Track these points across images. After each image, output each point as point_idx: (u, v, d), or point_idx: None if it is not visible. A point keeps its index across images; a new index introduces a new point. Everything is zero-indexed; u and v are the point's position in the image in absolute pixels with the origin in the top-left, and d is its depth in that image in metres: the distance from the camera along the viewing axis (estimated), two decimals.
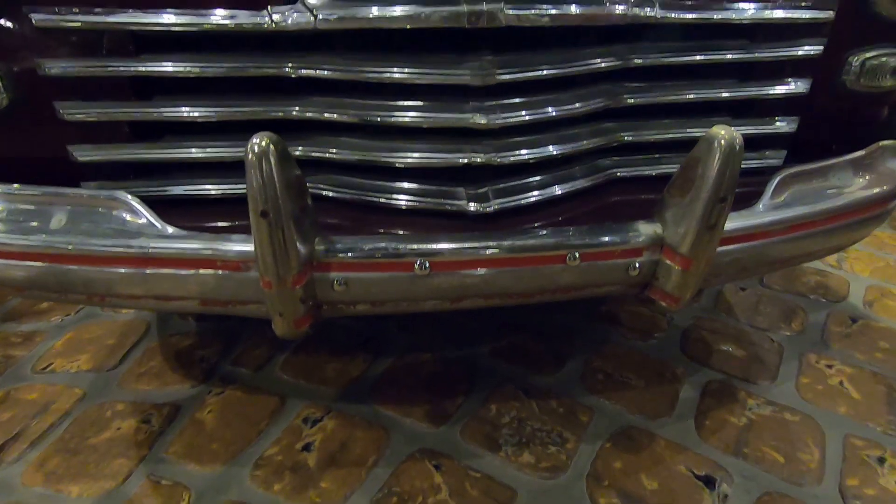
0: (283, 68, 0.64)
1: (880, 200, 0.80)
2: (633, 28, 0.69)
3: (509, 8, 0.56)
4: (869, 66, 0.79)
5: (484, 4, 0.55)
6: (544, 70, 0.62)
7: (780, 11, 0.72)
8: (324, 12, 0.59)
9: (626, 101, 0.73)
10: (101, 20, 0.61)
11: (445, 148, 0.64)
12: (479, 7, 0.55)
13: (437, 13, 0.55)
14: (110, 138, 0.69)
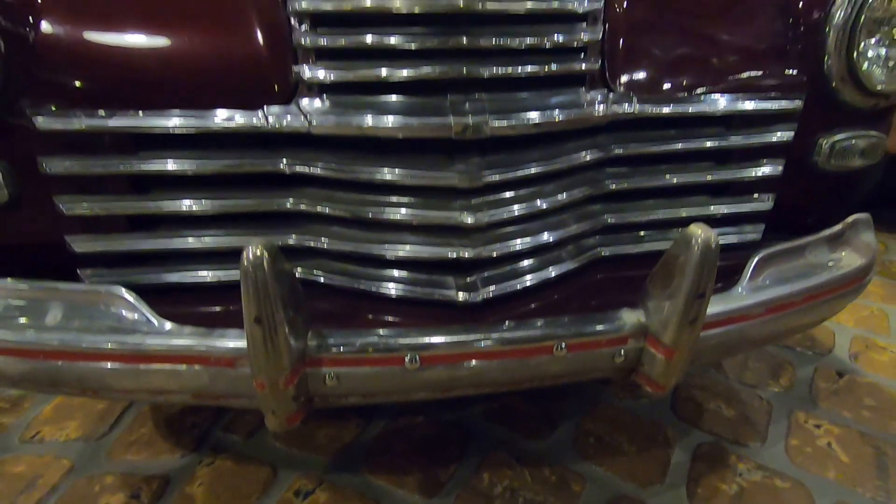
0: (277, 165, 0.67)
1: (857, 275, 0.82)
2: (613, 122, 0.73)
3: (494, 119, 0.59)
4: (839, 148, 0.83)
5: (470, 118, 0.58)
6: (530, 168, 0.65)
7: (751, 103, 0.76)
8: (318, 118, 0.62)
9: (609, 187, 0.76)
10: (103, 124, 0.64)
11: (435, 242, 0.66)
12: (465, 120, 0.58)
13: (426, 125, 0.58)
14: (107, 229, 0.70)
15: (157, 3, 0.67)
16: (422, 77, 0.59)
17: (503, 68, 0.60)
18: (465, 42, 0.57)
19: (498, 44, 0.59)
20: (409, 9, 0.57)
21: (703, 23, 0.77)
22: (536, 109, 0.62)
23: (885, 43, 0.77)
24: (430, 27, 0.58)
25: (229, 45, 0.65)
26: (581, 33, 0.66)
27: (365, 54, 0.61)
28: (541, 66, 0.63)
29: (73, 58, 0.65)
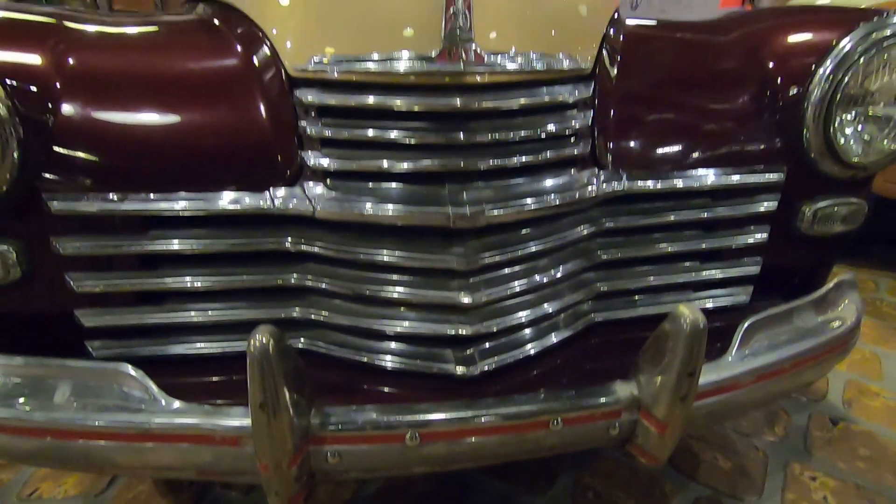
0: (282, 244, 0.69)
1: (843, 339, 0.85)
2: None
3: (491, 209, 0.62)
4: (821, 215, 0.86)
5: (467, 208, 0.61)
6: (526, 248, 0.68)
7: (736, 176, 0.80)
8: (322, 203, 0.65)
9: (601, 257, 0.78)
10: (115, 207, 0.66)
11: (433, 319, 0.68)
12: (463, 210, 0.61)
13: (425, 214, 0.61)
14: (115, 303, 0.72)
15: (169, 89, 0.71)
16: (421, 169, 0.62)
17: (499, 160, 0.64)
18: (462, 138, 0.61)
19: (494, 138, 0.63)
20: (408, 107, 0.61)
21: (688, 101, 0.82)
22: (531, 195, 0.65)
23: (860, 119, 0.81)
24: (429, 122, 0.62)
25: (238, 131, 0.68)
26: (572, 121, 0.70)
27: (367, 145, 0.64)
28: (535, 154, 0.66)
29: (88, 142, 0.68)
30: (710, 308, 0.87)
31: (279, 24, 0.69)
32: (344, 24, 0.63)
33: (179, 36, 0.78)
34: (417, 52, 0.60)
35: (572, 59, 0.69)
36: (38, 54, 0.70)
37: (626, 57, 0.80)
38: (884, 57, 0.76)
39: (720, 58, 0.86)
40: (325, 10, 0.65)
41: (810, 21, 0.88)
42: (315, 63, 0.64)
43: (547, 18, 0.67)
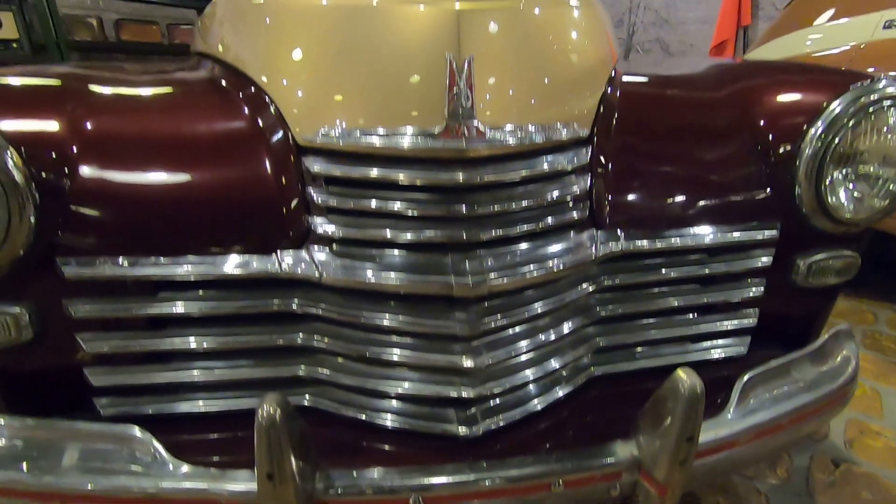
0: (290, 306, 0.71)
1: (842, 390, 0.86)
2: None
3: (493, 278, 0.64)
4: (815, 269, 0.88)
5: (469, 278, 0.63)
6: (527, 311, 0.70)
7: (731, 233, 0.82)
8: (328, 269, 0.67)
9: (600, 314, 0.80)
10: (127, 272, 0.68)
11: (436, 380, 0.69)
12: (465, 280, 0.63)
13: (428, 283, 0.63)
14: (124, 362, 0.74)
15: (181, 154, 0.73)
16: (424, 240, 0.64)
17: (500, 230, 0.66)
18: (464, 210, 0.63)
19: (495, 209, 0.65)
20: (412, 180, 0.63)
21: (682, 159, 0.84)
22: (533, 262, 0.67)
23: (851, 178, 0.83)
24: (432, 195, 0.64)
25: (248, 196, 0.71)
26: (572, 186, 0.72)
27: (372, 215, 0.66)
28: (536, 222, 0.68)
29: (102, 206, 0.70)
30: (707, 360, 0.88)
31: (288, 94, 0.72)
32: (351, 98, 0.66)
33: (191, 100, 0.81)
34: (421, 127, 0.62)
35: (571, 129, 0.71)
36: (54, 119, 0.72)
37: (621, 117, 0.83)
38: (871, 120, 0.79)
39: (713, 116, 0.89)
40: (332, 83, 0.67)
41: (801, 81, 0.90)
42: (322, 135, 0.67)
43: (547, 90, 0.70)
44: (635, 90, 0.91)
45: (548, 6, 0.73)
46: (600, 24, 0.88)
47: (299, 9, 0.73)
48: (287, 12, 0.75)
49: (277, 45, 0.76)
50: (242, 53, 0.85)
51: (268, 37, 0.78)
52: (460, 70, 0.60)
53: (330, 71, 0.67)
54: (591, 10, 0.85)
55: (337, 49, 0.67)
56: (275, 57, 0.75)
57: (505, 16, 0.65)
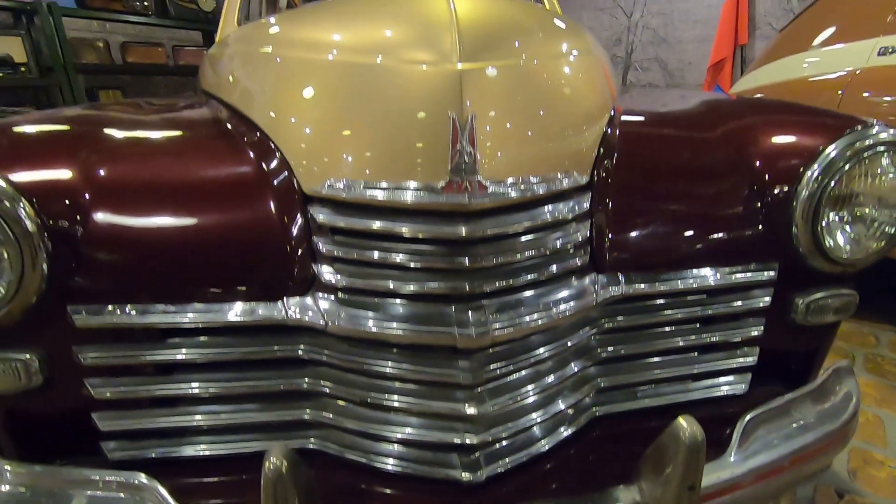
0: (296, 352, 0.72)
1: (843, 430, 0.86)
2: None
3: (497, 329, 0.65)
4: (814, 307, 0.89)
5: (473, 329, 0.64)
6: (530, 358, 0.71)
7: (729, 275, 0.83)
8: (333, 318, 0.68)
9: (601, 356, 0.81)
10: (136, 321, 0.70)
11: (440, 426, 0.70)
12: (469, 331, 0.64)
13: (432, 334, 0.64)
14: (131, 407, 0.75)
15: (190, 201, 0.74)
16: (427, 291, 0.66)
17: (503, 281, 0.67)
18: (466, 263, 0.64)
19: (498, 261, 0.66)
20: (415, 233, 0.65)
21: (680, 201, 0.85)
22: (536, 310, 0.68)
23: (847, 219, 0.84)
24: (435, 247, 0.66)
25: (255, 243, 0.72)
26: (574, 233, 0.73)
27: (376, 265, 0.68)
28: (538, 271, 0.70)
29: (112, 253, 0.71)
30: (709, 398, 0.89)
31: (295, 145, 0.74)
32: (356, 151, 0.68)
33: (200, 147, 0.83)
34: (425, 182, 0.64)
35: (571, 177, 0.73)
36: (64, 167, 0.74)
37: (620, 160, 0.84)
38: (866, 164, 0.81)
39: (710, 157, 0.90)
40: (338, 136, 0.69)
41: (796, 122, 0.92)
42: (328, 186, 0.68)
43: (548, 142, 0.71)
44: (633, 130, 0.92)
45: (548, 60, 0.75)
46: (600, 70, 0.91)
47: (307, 62, 0.75)
48: (295, 65, 0.77)
49: (284, 96, 0.78)
50: (250, 100, 0.87)
51: (275, 87, 0.80)
52: (463, 128, 0.62)
53: (336, 124, 0.69)
54: (590, 57, 0.87)
55: (343, 103, 0.69)
56: (282, 108, 0.77)
57: (506, 73, 0.67)
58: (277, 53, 0.83)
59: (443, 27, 0.68)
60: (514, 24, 0.77)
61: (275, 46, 0.85)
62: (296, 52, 0.78)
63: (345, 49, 0.72)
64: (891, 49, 1.91)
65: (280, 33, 0.89)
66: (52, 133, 0.83)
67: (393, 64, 0.66)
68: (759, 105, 1.04)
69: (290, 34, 0.86)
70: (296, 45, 0.81)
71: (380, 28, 0.73)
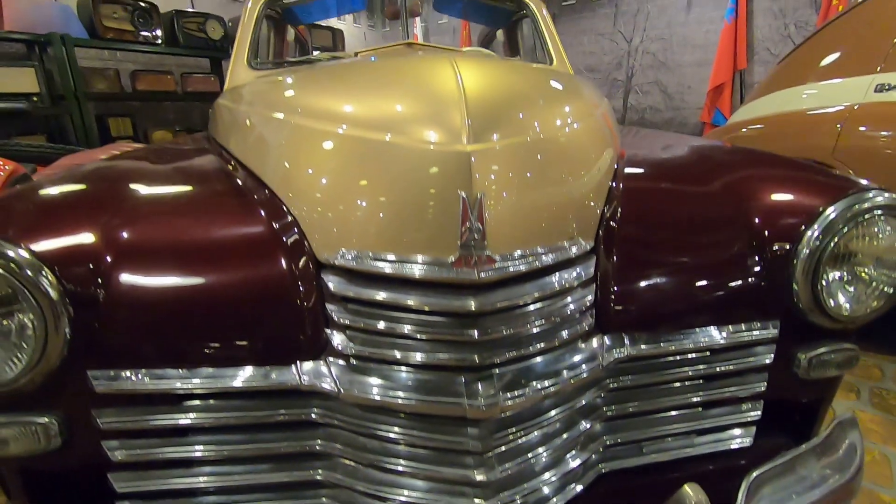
0: (309, 415, 0.74)
1: (848, 485, 0.87)
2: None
3: (506, 399, 0.66)
4: (816, 362, 0.90)
5: (482, 400, 0.66)
6: (540, 422, 0.72)
7: (732, 334, 0.84)
8: (345, 386, 0.70)
9: (606, 414, 0.82)
10: (155, 386, 0.71)
11: (450, 491, 0.71)
12: (478, 402, 0.65)
13: (442, 404, 0.66)
14: (147, 468, 0.76)
15: (207, 267, 0.76)
16: (436, 362, 0.68)
17: (512, 351, 0.69)
18: (476, 336, 0.66)
19: (507, 333, 0.68)
20: (425, 306, 0.67)
21: (683, 259, 0.87)
22: (544, 378, 0.70)
23: (846, 279, 0.86)
24: (445, 319, 0.68)
25: (269, 309, 0.74)
26: (581, 299, 0.75)
27: (387, 335, 0.70)
28: (546, 340, 0.72)
29: (131, 319, 0.73)
30: (713, 452, 0.90)
31: (308, 214, 0.76)
32: (368, 224, 0.70)
33: (216, 208, 0.85)
34: (435, 256, 0.66)
35: (578, 245, 0.75)
36: (84, 233, 0.75)
37: (623, 220, 0.86)
38: (864, 226, 0.83)
39: (710, 213, 0.92)
40: (350, 209, 0.72)
41: (795, 179, 0.94)
42: (341, 257, 0.71)
43: (555, 213, 0.74)
44: (635, 185, 0.95)
45: (555, 131, 0.77)
46: (605, 130, 0.93)
47: (320, 134, 0.78)
48: (308, 136, 0.80)
49: (298, 165, 0.80)
50: (263, 165, 0.90)
51: (289, 156, 0.83)
52: (472, 206, 0.64)
53: (348, 197, 0.72)
54: (595, 119, 0.90)
55: (356, 177, 0.72)
56: (295, 176, 0.80)
57: (514, 151, 0.69)
58: (291, 121, 0.86)
59: (452, 103, 0.71)
60: (520, 96, 0.80)
61: (288, 113, 0.88)
62: (309, 122, 0.81)
63: (357, 123, 0.75)
64: (887, 86, 1.95)
65: (294, 99, 0.92)
66: (70, 196, 0.86)
67: (405, 142, 0.69)
68: (757, 158, 1.06)
69: (304, 101, 0.89)
70: (309, 114, 0.84)
71: (391, 102, 0.76)
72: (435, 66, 0.80)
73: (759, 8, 4.63)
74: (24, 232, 0.72)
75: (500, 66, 0.93)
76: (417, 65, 0.84)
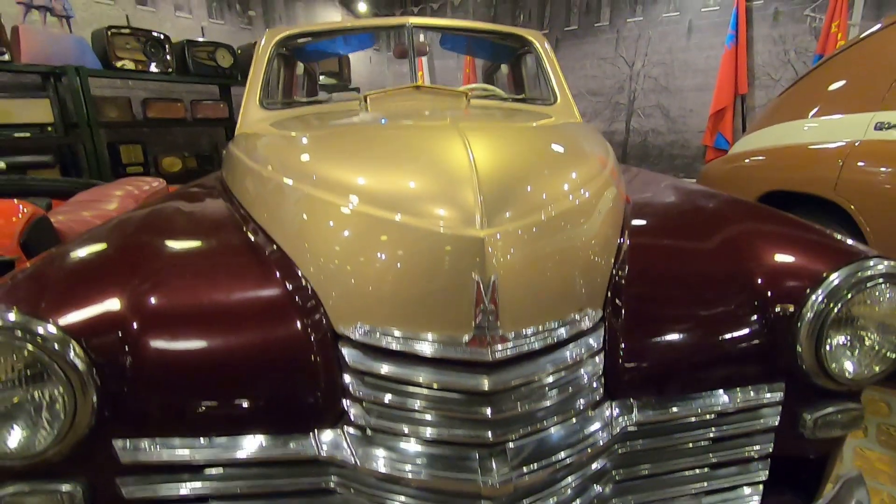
0: (327, 483, 0.76)
1: None
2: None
3: (519, 475, 0.68)
4: (821, 423, 0.92)
5: (496, 477, 0.67)
6: (552, 489, 0.74)
7: (738, 399, 0.86)
8: (361, 458, 0.72)
9: (615, 478, 0.84)
10: (176, 456, 0.73)
11: None
12: (493, 480, 0.67)
13: (457, 480, 0.68)
14: None
15: (229, 337, 0.78)
16: (451, 439, 0.70)
17: (525, 427, 0.71)
18: (490, 415, 0.69)
19: (521, 410, 0.70)
20: (437, 383, 0.69)
21: (688, 326, 0.88)
22: (557, 450, 0.72)
23: (849, 344, 0.88)
24: (459, 395, 0.70)
25: (289, 379, 0.76)
26: (592, 369, 0.78)
27: (403, 409, 0.72)
28: (558, 413, 0.74)
29: (156, 388, 0.75)
30: None
31: (325, 285, 0.79)
32: (384, 301, 0.73)
33: (237, 276, 0.86)
34: (450, 335, 0.69)
35: (589, 317, 0.78)
36: (109, 302, 0.78)
37: (629, 285, 0.88)
38: (866, 293, 0.85)
39: (714, 272, 0.94)
40: (366, 285, 0.74)
41: (801, 242, 0.96)
42: (356, 330, 0.73)
43: (567, 288, 0.76)
44: (642, 242, 0.97)
45: (566, 206, 0.79)
46: (614, 192, 0.96)
47: (333, 208, 0.80)
48: (321, 208, 0.83)
49: (311, 236, 0.83)
50: (278, 229, 0.93)
51: (302, 225, 0.85)
52: (486, 289, 0.67)
53: (363, 273, 0.74)
54: (605, 181, 0.92)
55: (369, 254, 0.74)
56: (310, 247, 0.82)
57: (527, 233, 0.72)
58: (306, 192, 0.88)
59: (464, 182, 0.73)
60: (530, 170, 0.83)
61: (302, 182, 0.90)
62: (324, 195, 0.83)
63: (371, 200, 0.77)
64: (887, 125, 1.98)
65: (307, 166, 0.94)
66: (93, 264, 0.87)
67: (420, 224, 0.71)
68: (761, 215, 1.09)
69: (317, 170, 0.91)
70: (323, 185, 0.86)
71: (405, 178, 0.78)
72: (446, 140, 0.83)
73: (759, 34, 4.70)
74: (51, 305, 0.75)
75: (508, 135, 0.96)
76: (429, 137, 0.87)
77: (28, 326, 0.70)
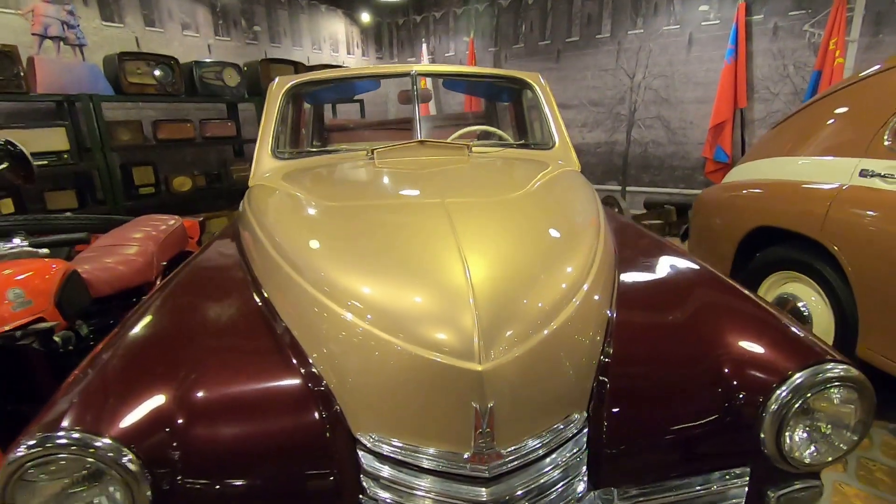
0: None
1: None
2: None
3: None
4: (785, 500, 1.02)
5: None
6: None
7: (709, 479, 0.96)
8: None
9: None
10: None
11: None
12: None
13: None
14: None
15: (261, 427, 0.87)
16: None
17: None
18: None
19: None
20: (432, 490, 0.80)
21: (663, 416, 0.97)
22: None
23: (811, 438, 0.98)
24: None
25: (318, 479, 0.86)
26: (580, 463, 0.88)
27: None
28: None
29: (204, 478, 0.84)
30: None
31: (341, 391, 0.89)
32: (390, 416, 0.84)
33: (263, 374, 0.97)
34: (452, 451, 0.80)
35: (579, 419, 0.88)
36: (154, 407, 0.87)
37: (611, 370, 0.98)
38: (824, 393, 0.95)
39: (690, 365, 1.03)
40: (376, 400, 0.84)
41: (769, 335, 1.06)
42: (373, 441, 0.84)
43: (560, 400, 0.87)
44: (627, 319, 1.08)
45: (563, 315, 0.87)
46: (609, 268, 1.04)
47: (343, 324, 0.90)
48: (324, 312, 0.92)
49: (326, 345, 0.92)
50: (290, 318, 1.02)
51: (317, 331, 0.95)
52: (484, 414, 0.78)
53: (369, 385, 0.85)
54: (602, 263, 1.01)
55: (374, 371, 0.84)
56: (325, 356, 0.92)
57: (523, 360, 0.81)
58: (312, 295, 0.98)
59: (462, 306, 0.83)
60: (527, 276, 0.92)
61: (307, 279, 1.01)
62: (329, 302, 0.94)
63: (374, 317, 0.87)
64: (870, 172, 2.06)
65: (314, 261, 1.04)
66: (134, 368, 0.97)
67: (421, 353, 0.80)
68: (740, 300, 1.18)
69: (322, 268, 1.01)
70: (328, 288, 0.96)
71: (406, 295, 0.87)
72: (445, 251, 0.93)
73: (759, 49, 4.75)
74: (103, 418, 0.84)
75: (504, 231, 1.06)
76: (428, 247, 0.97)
77: (86, 441, 0.81)
